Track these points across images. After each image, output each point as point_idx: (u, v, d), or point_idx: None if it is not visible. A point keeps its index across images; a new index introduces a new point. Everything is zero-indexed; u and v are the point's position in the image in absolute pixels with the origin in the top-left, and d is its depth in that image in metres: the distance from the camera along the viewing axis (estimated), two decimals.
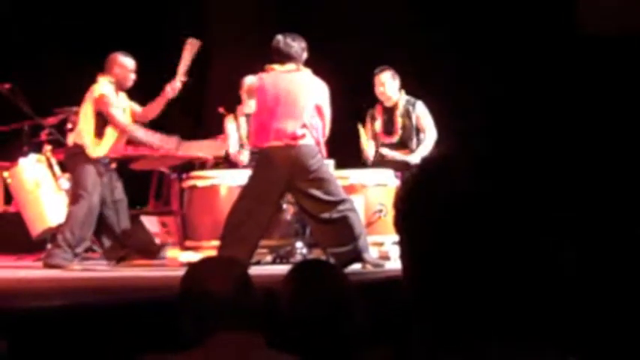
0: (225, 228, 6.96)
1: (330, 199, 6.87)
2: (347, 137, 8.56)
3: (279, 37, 7.03)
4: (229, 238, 6.90)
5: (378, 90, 8.51)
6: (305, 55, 7.04)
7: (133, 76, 7.96)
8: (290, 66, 6.98)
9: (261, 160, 7.06)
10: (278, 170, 6.86)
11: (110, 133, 7.90)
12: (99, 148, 7.85)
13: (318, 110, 6.98)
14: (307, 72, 7.05)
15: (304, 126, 6.88)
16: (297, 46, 6.99)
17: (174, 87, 7.90)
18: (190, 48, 7.92)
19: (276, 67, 7.00)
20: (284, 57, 6.97)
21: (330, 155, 7.59)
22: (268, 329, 2.74)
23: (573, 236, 1.15)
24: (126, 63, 7.95)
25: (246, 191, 7.04)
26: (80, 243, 7.79)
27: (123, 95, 8.05)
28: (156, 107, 8.02)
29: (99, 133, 7.84)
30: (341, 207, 6.88)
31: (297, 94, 6.92)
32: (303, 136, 6.87)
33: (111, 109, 7.82)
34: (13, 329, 2.55)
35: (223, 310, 2.68)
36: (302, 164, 6.84)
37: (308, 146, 6.89)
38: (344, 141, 8.33)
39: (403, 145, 8.52)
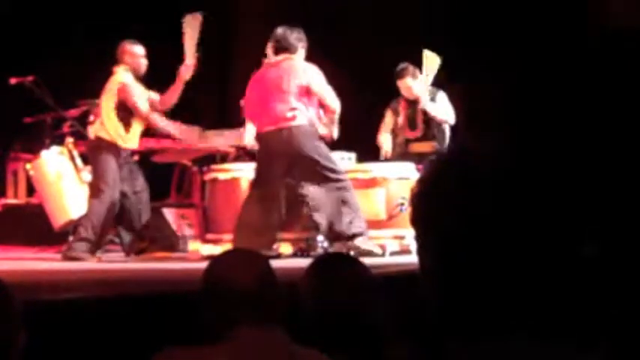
0: (237, 221, 7.21)
1: (328, 175, 7.08)
2: (367, 131, 8.52)
3: (280, 29, 7.32)
4: (243, 231, 7.09)
5: (404, 93, 8.45)
6: (300, 45, 7.30)
7: (144, 62, 8.00)
8: (283, 56, 7.25)
9: (260, 147, 7.37)
10: (274, 153, 7.13)
11: (137, 122, 7.91)
12: (129, 140, 7.88)
13: (307, 90, 7.17)
14: (296, 58, 7.29)
15: (293, 108, 7.11)
16: (294, 37, 7.27)
17: (187, 68, 7.89)
18: (192, 24, 7.90)
19: (271, 59, 7.28)
20: (280, 48, 7.26)
21: (351, 149, 7.59)
22: (290, 323, 2.72)
23: (595, 228, 1.13)
24: (135, 50, 7.99)
25: (253, 183, 7.37)
26: (100, 237, 7.83)
27: (140, 85, 8.04)
28: (174, 92, 8.00)
29: (126, 123, 7.86)
30: (339, 185, 7.09)
31: (282, 79, 7.18)
32: (294, 117, 7.13)
33: (133, 98, 7.83)
34: (33, 321, 2.54)
35: (246, 303, 2.67)
36: (295, 145, 7.07)
37: (299, 127, 7.13)
38: (364, 135, 8.30)
39: (427, 138, 8.47)
